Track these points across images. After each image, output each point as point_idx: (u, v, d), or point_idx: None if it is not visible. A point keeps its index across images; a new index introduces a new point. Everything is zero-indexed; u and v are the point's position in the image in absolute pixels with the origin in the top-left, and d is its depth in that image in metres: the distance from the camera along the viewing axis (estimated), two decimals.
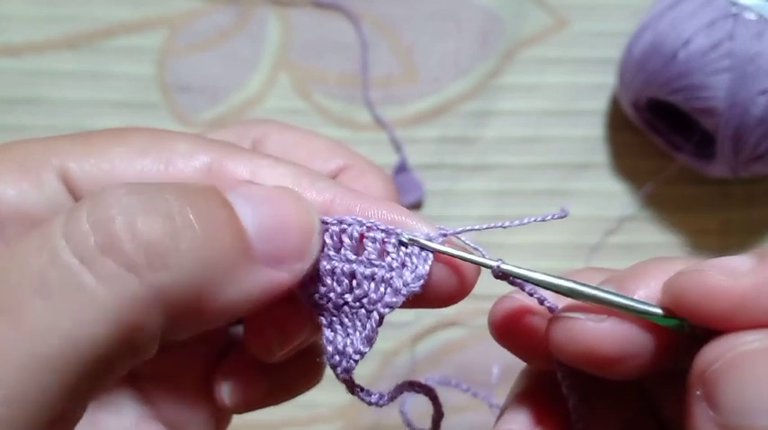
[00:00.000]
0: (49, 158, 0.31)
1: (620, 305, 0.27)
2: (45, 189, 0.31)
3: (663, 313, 0.27)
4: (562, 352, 0.29)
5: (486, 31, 0.79)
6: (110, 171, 0.31)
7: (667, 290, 0.27)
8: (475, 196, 0.76)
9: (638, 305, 0.27)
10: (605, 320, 0.28)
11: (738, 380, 0.24)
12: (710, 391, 0.24)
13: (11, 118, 0.76)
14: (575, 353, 0.28)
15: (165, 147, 0.32)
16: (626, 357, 0.28)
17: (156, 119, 0.77)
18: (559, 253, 0.75)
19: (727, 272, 0.25)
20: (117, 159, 0.31)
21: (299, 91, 0.79)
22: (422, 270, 0.30)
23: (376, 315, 0.30)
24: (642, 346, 0.28)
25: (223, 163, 0.32)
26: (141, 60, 0.78)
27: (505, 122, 0.78)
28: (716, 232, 0.76)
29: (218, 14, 0.80)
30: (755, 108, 0.65)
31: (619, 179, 0.77)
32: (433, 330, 0.73)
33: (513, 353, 0.32)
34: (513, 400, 0.33)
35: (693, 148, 0.72)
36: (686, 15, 0.68)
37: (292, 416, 0.70)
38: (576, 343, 0.28)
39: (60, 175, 0.31)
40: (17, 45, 0.78)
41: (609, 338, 0.27)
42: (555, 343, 0.29)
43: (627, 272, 0.30)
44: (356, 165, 0.39)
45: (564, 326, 0.28)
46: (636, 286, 0.28)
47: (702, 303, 0.26)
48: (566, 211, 0.31)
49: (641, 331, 0.27)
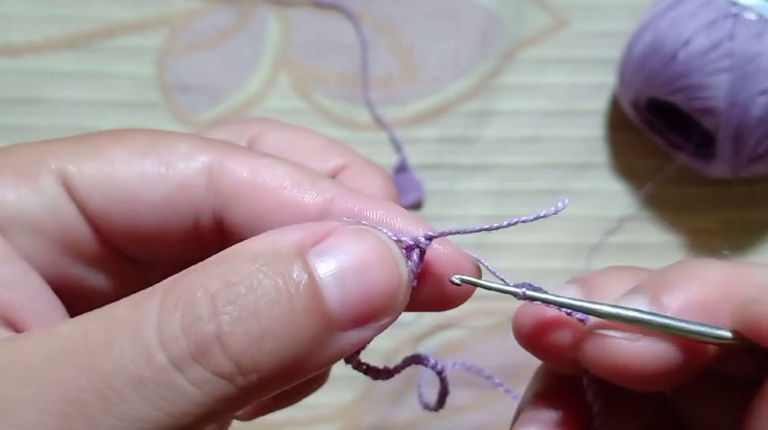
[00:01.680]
0: (48, 162, 0.31)
1: (678, 330, 0.27)
2: (44, 193, 0.30)
3: (732, 337, 0.27)
4: (594, 366, 0.28)
5: (486, 31, 0.79)
6: (109, 173, 0.31)
7: (741, 318, 0.26)
8: (475, 196, 0.76)
9: (708, 330, 0.27)
10: (641, 340, 0.27)
11: None
12: None
13: (11, 118, 0.76)
14: (608, 369, 0.28)
15: (165, 148, 0.31)
16: (660, 375, 0.27)
17: (156, 119, 0.77)
18: (559, 253, 0.75)
19: None
20: (117, 162, 0.31)
21: (299, 91, 0.79)
22: (413, 266, 0.30)
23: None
24: (676, 363, 0.27)
25: (223, 163, 0.31)
26: (141, 60, 0.78)
27: (505, 122, 0.78)
28: (716, 232, 0.76)
29: (218, 14, 0.80)
30: (755, 108, 0.65)
31: (619, 179, 0.77)
32: (433, 330, 0.73)
33: (537, 357, 0.32)
34: (531, 401, 0.33)
35: (693, 148, 0.72)
36: (686, 15, 0.68)
37: (293, 416, 0.70)
38: (610, 361, 0.28)
39: (59, 179, 0.31)
40: (17, 45, 0.78)
41: (644, 357, 0.27)
42: (587, 358, 0.28)
43: (659, 281, 0.29)
44: (355, 163, 0.38)
45: (598, 343, 0.28)
46: (670, 300, 0.28)
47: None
48: (565, 203, 0.30)
49: (676, 349, 0.27)
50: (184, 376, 0.25)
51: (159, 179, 0.31)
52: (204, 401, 0.25)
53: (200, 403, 0.25)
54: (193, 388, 0.25)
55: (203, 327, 0.25)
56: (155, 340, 0.25)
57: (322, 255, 0.27)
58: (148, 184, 0.31)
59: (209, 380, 0.25)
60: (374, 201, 0.31)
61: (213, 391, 0.25)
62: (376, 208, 0.31)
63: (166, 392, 0.25)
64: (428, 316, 0.73)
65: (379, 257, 0.28)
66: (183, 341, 0.25)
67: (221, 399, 0.25)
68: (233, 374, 0.25)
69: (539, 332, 0.31)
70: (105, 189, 0.31)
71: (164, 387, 0.25)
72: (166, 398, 0.25)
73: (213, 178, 0.31)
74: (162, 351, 0.25)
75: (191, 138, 0.32)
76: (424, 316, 0.73)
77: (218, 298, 0.26)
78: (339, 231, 0.28)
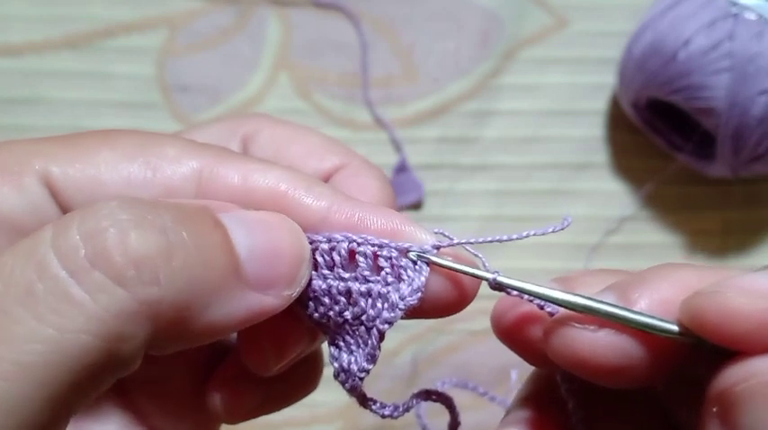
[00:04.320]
0: (32, 162, 0.30)
1: (626, 319, 0.27)
2: (27, 194, 0.30)
3: (678, 331, 0.27)
4: (558, 358, 0.28)
5: (486, 31, 0.79)
6: (95, 176, 0.30)
7: (686, 310, 0.26)
8: (475, 196, 0.76)
9: (654, 322, 0.27)
10: (601, 330, 0.27)
11: (759, 408, 0.24)
12: (728, 412, 0.24)
13: (11, 118, 0.76)
14: (570, 360, 0.28)
15: (154, 152, 0.31)
16: (622, 368, 0.27)
17: (156, 119, 0.77)
18: (559, 253, 0.75)
19: (747, 293, 0.25)
20: (103, 164, 0.30)
21: (299, 91, 0.79)
22: (418, 283, 0.29)
23: (376, 332, 0.30)
24: (638, 357, 0.27)
25: (214, 169, 0.31)
26: (141, 60, 0.78)
27: (505, 122, 0.78)
28: (716, 232, 0.76)
29: (218, 14, 0.80)
30: (755, 108, 0.65)
31: (619, 179, 0.77)
32: (433, 330, 0.73)
33: (516, 353, 0.32)
34: (518, 402, 0.33)
35: (693, 148, 0.72)
36: (686, 15, 0.68)
37: (292, 416, 0.70)
38: (571, 351, 0.28)
39: (43, 180, 0.30)
40: (17, 45, 0.78)
41: (604, 348, 0.27)
42: (551, 350, 0.29)
43: (630, 280, 0.29)
44: (352, 163, 0.37)
45: (560, 333, 0.28)
46: (638, 296, 0.28)
47: (722, 326, 0.25)
48: (569, 221, 0.31)
49: (638, 343, 0.27)
50: (79, 284, 0.24)
51: (146, 184, 0.30)
52: (100, 316, 0.23)
53: (94, 318, 0.23)
54: (88, 297, 0.23)
55: (106, 232, 0.24)
56: (50, 252, 0.24)
57: (229, 215, 0.28)
58: (134, 189, 0.30)
59: (106, 287, 0.24)
60: (375, 209, 0.31)
61: (109, 303, 0.24)
62: (375, 214, 0.30)
63: (59, 304, 0.23)
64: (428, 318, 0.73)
65: (285, 226, 0.29)
66: (81, 250, 0.24)
67: (118, 316, 0.24)
68: (133, 281, 0.24)
69: (514, 327, 0.31)
70: (89, 192, 0.30)
71: (56, 298, 0.23)
72: (59, 311, 0.23)
73: (203, 184, 0.30)
74: (56, 260, 0.24)
75: (181, 142, 0.32)
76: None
77: (122, 208, 0.25)
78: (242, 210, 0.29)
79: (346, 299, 0.30)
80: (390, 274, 0.29)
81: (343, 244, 0.29)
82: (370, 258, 0.29)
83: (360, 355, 0.30)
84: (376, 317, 0.29)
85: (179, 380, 0.36)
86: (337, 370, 0.31)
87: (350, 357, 0.30)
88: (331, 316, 0.30)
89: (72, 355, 0.23)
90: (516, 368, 0.70)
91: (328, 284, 0.30)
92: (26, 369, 0.23)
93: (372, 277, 0.30)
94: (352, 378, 0.30)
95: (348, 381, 0.31)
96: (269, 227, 0.28)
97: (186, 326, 0.26)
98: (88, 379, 0.24)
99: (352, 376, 0.30)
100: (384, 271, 0.29)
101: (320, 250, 0.30)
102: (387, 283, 0.29)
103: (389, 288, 0.29)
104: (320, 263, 0.30)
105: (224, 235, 0.27)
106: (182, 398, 0.36)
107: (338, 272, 0.30)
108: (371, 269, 0.30)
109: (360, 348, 0.30)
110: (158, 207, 0.26)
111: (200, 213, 0.27)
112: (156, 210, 0.26)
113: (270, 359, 0.34)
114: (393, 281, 0.29)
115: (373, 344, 0.30)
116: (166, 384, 0.36)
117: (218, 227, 0.27)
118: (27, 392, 0.23)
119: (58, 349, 0.23)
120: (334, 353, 0.31)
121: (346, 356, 0.30)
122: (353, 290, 0.30)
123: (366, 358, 0.30)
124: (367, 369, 0.30)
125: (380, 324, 0.29)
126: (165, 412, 0.36)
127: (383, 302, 0.29)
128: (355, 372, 0.30)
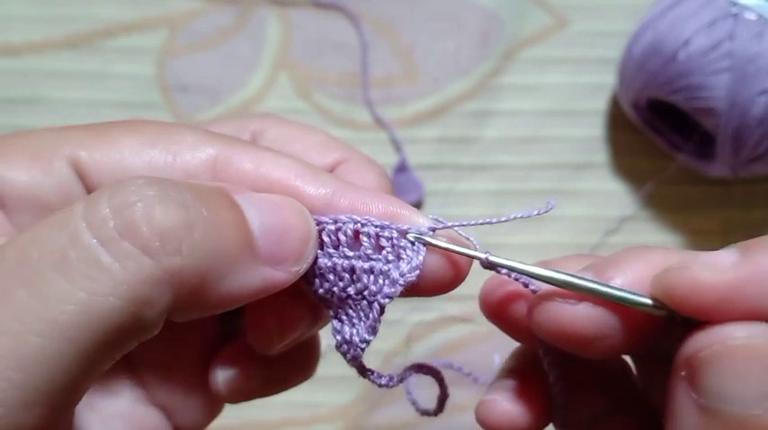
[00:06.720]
0: (61, 147, 0.33)
1: (605, 294, 0.29)
2: (56, 176, 0.32)
3: (652, 304, 0.29)
4: (541, 330, 0.31)
5: (486, 31, 0.79)
6: (119, 161, 0.32)
7: (657, 284, 0.29)
8: (475, 196, 0.76)
9: (630, 296, 0.29)
10: (581, 303, 0.30)
11: (722, 371, 0.26)
12: (695, 375, 0.27)
13: (11, 118, 0.76)
14: (552, 332, 0.31)
15: (173, 139, 0.33)
16: (599, 337, 0.30)
17: (156, 119, 0.77)
18: (560, 253, 0.74)
19: (712, 267, 0.27)
20: (126, 149, 0.33)
21: (299, 91, 0.79)
22: (416, 261, 0.31)
23: (377, 305, 0.32)
24: (614, 328, 0.30)
25: (228, 156, 0.33)
26: (141, 60, 0.78)
27: (505, 122, 0.78)
28: (716, 232, 0.76)
29: (218, 14, 0.80)
30: (755, 108, 0.65)
31: (619, 179, 0.77)
32: (433, 330, 0.73)
33: (502, 330, 0.35)
34: (502, 373, 0.36)
35: (693, 148, 0.72)
36: (686, 15, 0.68)
37: (293, 416, 0.70)
38: (553, 323, 0.30)
39: (71, 163, 0.32)
40: (17, 45, 0.78)
41: (583, 320, 0.30)
42: (535, 322, 0.31)
43: (607, 260, 0.32)
44: (352, 159, 0.39)
45: (543, 307, 0.31)
46: (614, 274, 0.30)
47: (690, 297, 0.27)
48: (552, 204, 0.34)
49: (613, 314, 0.30)
50: (109, 253, 0.26)
51: (166, 167, 0.32)
52: (128, 281, 0.25)
53: (122, 283, 0.25)
54: (117, 264, 0.25)
55: (134, 205, 0.26)
56: (81, 224, 0.26)
57: (243, 196, 0.30)
58: (156, 172, 0.32)
59: (133, 255, 0.26)
60: (375, 195, 0.33)
61: (136, 270, 0.26)
62: (376, 200, 0.32)
63: (90, 270, 0.25)
64: (428, 315, 0.73)
65: (294, 207, 0.31)
66: (110, 221, 0.26)
67: (144, 282, 0.26)
68: (158, 251, 0.26)
69: (501, 304, 0.34)
70: (114, 175, 0.32)
71: (87, 265, 0.25)
72: (90, 276, 0.25)
73: (219, 169, 0.33)
74: (88, 231, 0.26)
75: (197, 130, 0.34)
76: (425, 315, 0.73)
77: (148, 185, 0.27)
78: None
79: (350, 275, 0.32)
80: (391, 253, 0.32)
81: (349, 224, 0.32)
82: (373, 238, 0.32)
83: (361, 328, 0.33)
84: (378, 292, 0.32)
85: (187, 361, 0.39)
86: (340, 341, 0.33)
87: (352, 329, 0.33)
88: (335, 291, 0.33)
89: (101, 316, 0.25)
90: (499, 351, 0.70)
91: (333, 262, 0.32)
92: (61, 327, 0.25)
93: (375, 256, 0.32)
94: (353, 348, 0.33)
95: (350, 352, 0.33)
96: (279, 207, 0.31)
97: (204, 294, 0.28)
98: (115, 339, 0.26)
99: (354, 347, 0.33)
100: (385, 250, 0.32)
101: (327, 231, 0.32)
102: (388, 262, 0.32)
103: (390, 266, 0.32)
104: (326, 242, 0.32)
105: (239, 213, 0.29)
106: (189, 378, 0.38)
107: (343, 250, 0.32)
108: (374, 248, 0.32)
109: (361, 321, 0.33)
110: (180, 185, 0.28)
111: (217, 193, 0.29)
112: (178, 188, 0.28)
113: (273, 337, 0.36)
114: (393, 259, 0.32)
115: (374, 317, 0.32)
116: (175, 364, 0.38)
117: (234, 205, 0.29)
118: (61, 348, 0.25)
119: (88, 310, 0.25)
120: (337, 327, 0.33)
121: (348, 329, 0.33)
122: (357, 267, 0.32)
123: (367, 330, 0.32)
124: (368, 340, 0.33)
125: (382, 298, 0.32)
126: (172, 390, 0.38)
127: (384, 279, 0.32)
128: (357, 343, 0.33)
